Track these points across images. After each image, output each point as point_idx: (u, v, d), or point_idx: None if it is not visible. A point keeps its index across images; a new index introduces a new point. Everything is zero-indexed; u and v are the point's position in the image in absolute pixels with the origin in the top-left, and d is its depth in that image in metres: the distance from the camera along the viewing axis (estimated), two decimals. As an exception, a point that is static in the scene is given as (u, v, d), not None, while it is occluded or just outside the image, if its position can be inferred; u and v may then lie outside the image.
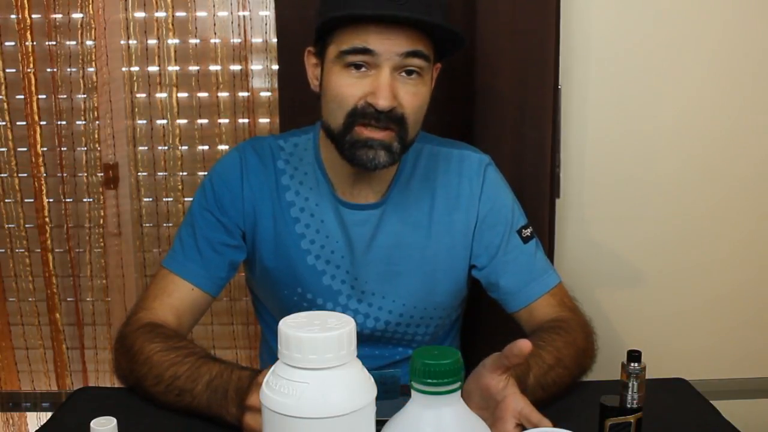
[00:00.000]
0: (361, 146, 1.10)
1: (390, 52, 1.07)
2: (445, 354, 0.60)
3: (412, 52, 1.07)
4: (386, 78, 1.07)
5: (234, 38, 1.72)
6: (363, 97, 1.08)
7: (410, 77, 1.09)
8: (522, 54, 1.52)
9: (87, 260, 1.81)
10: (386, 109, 1.07)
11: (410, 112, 1.10)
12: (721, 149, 1.66)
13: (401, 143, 1.11)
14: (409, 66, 1.08)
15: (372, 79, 1.08)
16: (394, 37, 1.06)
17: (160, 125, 1.77)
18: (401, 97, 1.09)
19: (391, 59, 1.07)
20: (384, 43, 1.06)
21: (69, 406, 1.11)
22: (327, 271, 1.24)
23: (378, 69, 1.08)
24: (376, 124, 1.09)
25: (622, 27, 1.61)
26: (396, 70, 1.08)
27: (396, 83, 1.08)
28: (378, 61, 1.07)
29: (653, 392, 0.99)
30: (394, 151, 1.11)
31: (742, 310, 1.72)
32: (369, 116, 1.08)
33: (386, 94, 1.07)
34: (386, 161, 1.11)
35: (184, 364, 1.04)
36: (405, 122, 1.10)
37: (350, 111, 1.09)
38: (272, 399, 0.61)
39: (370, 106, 1.08)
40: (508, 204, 1.27)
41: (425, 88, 1.12)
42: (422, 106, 1.13)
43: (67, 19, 1.71)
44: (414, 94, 1.10)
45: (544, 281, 1.24)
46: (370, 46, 1.06)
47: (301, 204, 1.24)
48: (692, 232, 1.69)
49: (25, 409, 1.91)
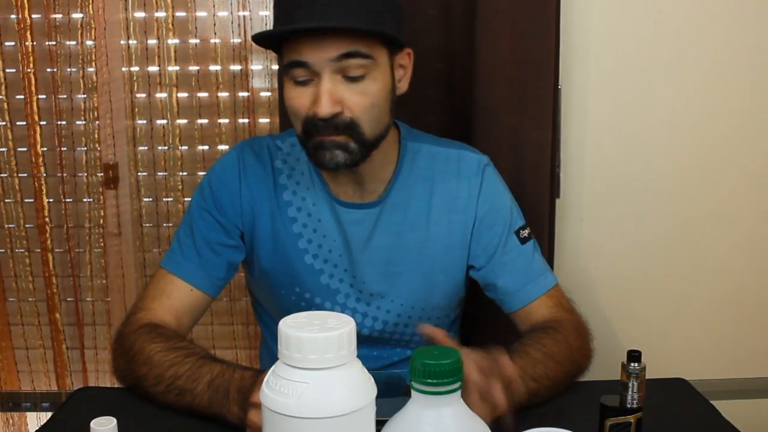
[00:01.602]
0: (319, 148, 1.11)
1: (322, 60, 1.06)
2: (445, 354, 0.60)
3: (347, 53, 1.06)
4: (325, 86, 1.07)
5: (234, 38, 1.72)
6: (310, 107, 1.09)
7: (355, 78, 1.09)
8: (522, 54, 1.51)
9: (87, 260, 1.81)
10: (327, 116, 1.07)
11: (360, 113, 1.09)
12: (721, 149, 1.66)
13: (358, 143, 1.11)
14: (348, 68, 1.08)
15: (315, 88, 1.09)
16: (324, 44, 1.06)
17: (160, 125, 1.77)
18: (347, 100, 1.08)
19: (327, 66, 1.07)
20: (315, 52, 1.06)
21: (69, 406, 1.11)
22: (325, 270, 1.24)
23: (319, 77, 1.08)
24: (324, 132, 1.09)
25: (622, 27, 1.61)
26: (338, 73, 1.08)
27: (339, 86, 1.08)
28: (316, 70, 1.07)
29: (653, 392, 0.99)
30: (351, 150, 1.11)
31: (742, 310, 1.72)
32: (317, 125, 1.09)
33: (324, 101, 1.07)
34: (346, 159, 1.11)
35: (185, 364, 1.04)
36: (355, 125, 1.10)
37: (303, 121, 1.11)
38: (272, 399, 0.61)
39: (315, 115, 1.08)
40: (506, 205, 1.27)
41: (376, 84, 1.10)
42: (375, 103, 1.11)
43: (67, 19, 1.71)
44: (361, 93, 1.09)
45: (542, 282, 1.24)
46: (303, 58, 1.07)
47: (299, 203, 1.24)
48: (692, 232, 1.69)
49: (25, 409, 1.91)
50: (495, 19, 1.50)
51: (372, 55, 1.09)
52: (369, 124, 1.11)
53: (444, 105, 1.58)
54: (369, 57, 1.08)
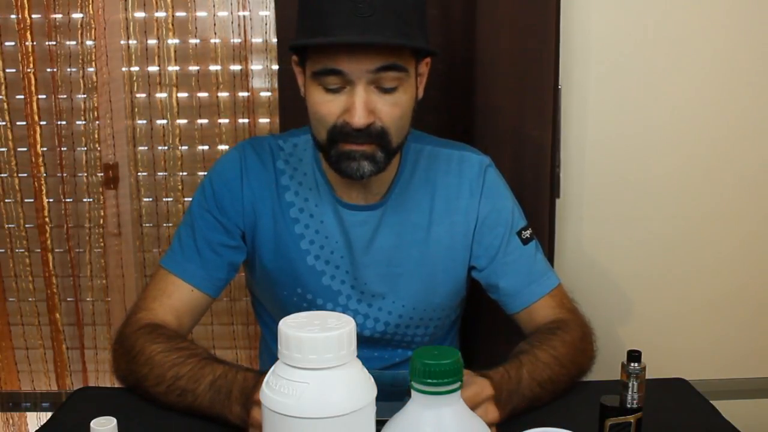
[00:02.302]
0: (346, 158, 1.10)
1: (361, 71, 1.06)
2: (445, 354, 0.60)
3: (385, 66, 1.06)
4: (360, 96, 1.06)
5: (234, 38, 1.72)
6: (340, 115, 1.08)
7: (388, 91, 1.08)
8: (522, 54, 1.52)
9: (87, 260, 1.81)
10: (362, 127, 1.07)
11: (390, 123, 1.09)
12: (722, 149, 1.66)
13: (384, 152, 1.11)
14: (384, 81, 1.07)
15: (347, 97, 1.08)
16: (364, 56, 1.05)
17: (160, 125, 1.77)
18: (379, 110, 1.08)
19: (364, 77, 1.06)
20: (353, 64, 1.05)
21: (69, 406, 1.11)
22: (327, 272, 1.24)
23: (352, 86, 1.07)
24: (355, 141, 1.09)
25: (622, 27, 1.61)
26: (372, 83, 1.07)
27: (372, 97, 1.08)
28: (351, 79, 1.06)
29: (653, 392, 0.99)
30: (378, 160, 1.11)
31: (742, 310, 1.72)
32: (347, 134, 1.08)
33: (360, 113, 1.06)
34: (372, 170, 1.11)
35: (187, 365, 1.04)
36: (386, 134, 1.10)
37: (330, 128, 1.10)
38: (272, 399, 0.61)
39: (347, 124, 1.08)
40: (508, 206, 1.27)
41: (406, 95, 1.11)
42: (405, 113, 1.12)
43: (67, 19, 1.71)
44: (393, 104, 1.09)
45: (544, 283, 1.24)
46: (339, 67, 1.06)
47: (301, 204, 1.24)
48: (692, 232, 1.69)
49: (25, 409, 1.91)
50: (495, 19, 1.50)
51: (406, 67, 1.09)
52: (396, 133, 1.11)
53: (444, 105, 1.57)
54: (404, 70, 1.09)
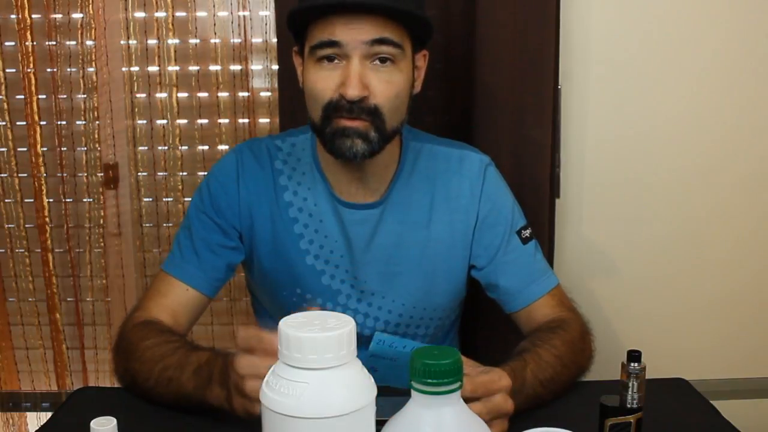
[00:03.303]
0: (339, 135, 1.10)
1: (356, 41, 1.07)
2: (445, 354, 0.60)
3: (380, 39, 1.07)
4: (355, 67, 1.07)
5: (234, 38, 1.72)
6: (336, 89, 1.09)
7: (383, 65, 1.09)
8: (522, 54, 1.51)
9: (87, 260, 1.81)
10: (356, 98, 1.07)
11: (383, 101, 1.10)
12: (722, 149, 1.66)
13: (378, 132, 1.11)
14: (379, 53, 1.08)
15: (343, 70, 1.09)
16: (359, 25, 1.07)
17: (160, 125, 1.77)
18: (374, 86, 1.09)
19: (359, 48, 1.07)
20: (349, 33, 1.07)
21: (69, 406, 1.11)
22: (326, 271, 1.24)
23: (348, 59, 1.08)
24: (348, 115, 1.09)
25: (622, 27, 1.61)
26: (367, 58, 1.08)
27: (367, 72, 1.09)
28: (346, 51, 1.07)
29: (653, 392, 0.99)
30: (371, 139, 1.11)
31: (742, 310, 1.72)
32: (342, 108, 1.09)
33: (355, 83, 1.07)
34: (364, 149, 1.11)
35: (174, 356, 1.04)
36: (379, 112, 1.10)
37: (326, 104, 1.10)
38: (272, 399, 0.61)
39: (341, 97, 1.08)
40: (508, 205, 1.27)
41: (401, 75, 1.11)
42: (398, 94, 1.12)
43: (67, 19, 1.71)
44: (387, 82, 1.10)
45: (544, 282, 1.24)
46: (335, 38, 1.07)
47: (300, 204, 1.24)
48: (692, 232, 1.69)
49: (25, 409, 1.91)
50: (495, 19, 1.50)
51: (402, 44, 1.10)
52: (390, 113, 1.11)
53: (444, 105, 1.57)
54: (399, 46, 1.10)
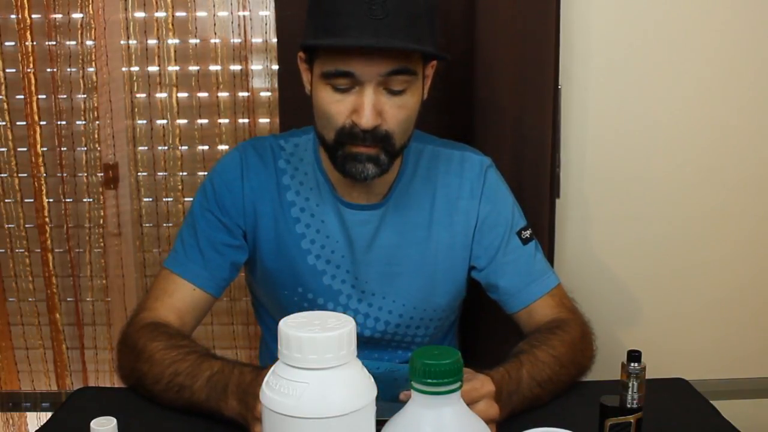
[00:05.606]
0: (351, 160, 1.11)
1: (372, 73, 1.06)
2: (445, 354, 0.60)
3: (396, 70, 1.07)
4: (369, 98, 1.07)
5: (234, 38, 1.72)
6: (348, 115, 1.09)
7: (396, 93, 1.09)
8: (522, 54, 1.52)
9: (87, 260, 1.81)
10: (369, 128, 1.08)
11: (395, 126, 1.10)
12: (722, 149, 1.66)
13: (388, 155, 1.12)
14: (393, 83, 1.08)
15: (356, 97, 1.08)
16: (376, 59, 1.06)
17: (160, 125, 1.77)
18: (386, 113, 1.09)
19: (374, 79, 1.07)
20: (365, 66, 1.06)
21: (69, 406, 1.11)
22: (327, 271, 1.24)
23: (362, 86, 1.08)
24: (361, 143, 1.10)
25: (622, 27, 1.61)
26: (380, 86, 1.08)
27: (381, 98, 1.08)
28: (361, 80, 1.07)
29: (653, 392, 0.99)
30: (381, 162, 1.12)
31: (742, 310, 1.72)
32: (355, 136, 1.09)
33: (369, 114, 1.07)
34: (375, 172, 1.12)
35: (186, 362, 1.04)
36: (390, 138, 1.11)
37: (338, 129, 1.10)
38: (272, 399, 0.61)
39: (355, 125, 1.09)
40: (508, 206, 1.27)
41: (413, 98, 1.12)
42: (410, 115, 1.13)
43: (67, 19, 1.71)
44: (400, 107, 1.10)
45: (544, 282, 1.24)
46: (351, 70, 1.06)
47: (302, 204, 1.24)
48: (692, 231, 1.69)
49: (25, 409, 1.91)
50: (495, 19, 1.50)
51: (416, 71, 1.10)
52: (401, 135, 1.12)
53: (444, 105, 1.57)
54: (414, 73, 1.10)
